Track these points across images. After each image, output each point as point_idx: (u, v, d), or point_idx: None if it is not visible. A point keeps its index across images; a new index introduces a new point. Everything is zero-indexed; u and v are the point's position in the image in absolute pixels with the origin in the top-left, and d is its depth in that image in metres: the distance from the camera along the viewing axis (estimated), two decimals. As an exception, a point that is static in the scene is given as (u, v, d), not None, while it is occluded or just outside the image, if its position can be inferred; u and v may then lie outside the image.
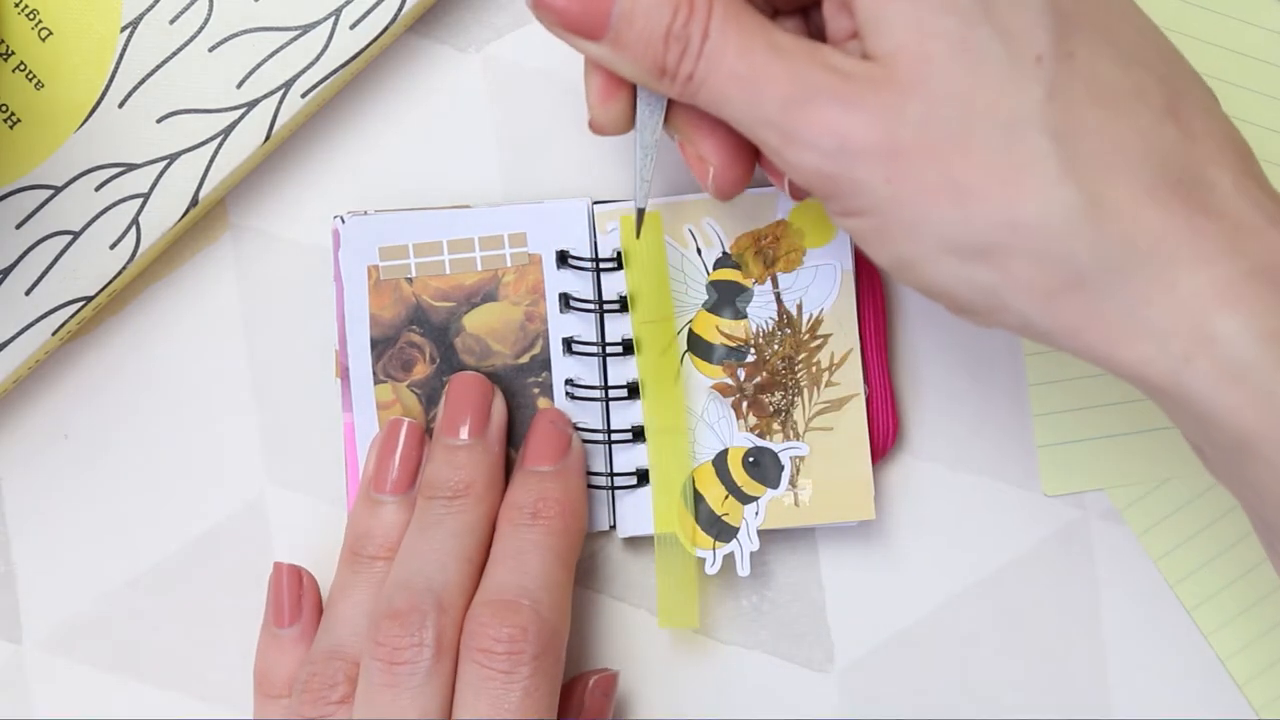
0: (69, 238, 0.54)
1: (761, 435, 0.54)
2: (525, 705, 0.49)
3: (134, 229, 0.54)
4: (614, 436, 0.54)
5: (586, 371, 0.55)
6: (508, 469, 0.54)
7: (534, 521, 0.52)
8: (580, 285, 0.55)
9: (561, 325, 0.55)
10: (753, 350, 0.54)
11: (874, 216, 0.44)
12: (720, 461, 0.54)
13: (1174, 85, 0.45)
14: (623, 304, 0.55)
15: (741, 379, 0.55)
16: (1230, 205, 0.43)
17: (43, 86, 0.54)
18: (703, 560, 0.54)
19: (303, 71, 0.54)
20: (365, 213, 0.55)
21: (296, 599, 0.54)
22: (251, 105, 0.54)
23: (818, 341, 0.54)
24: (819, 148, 0.44)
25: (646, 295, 0.54)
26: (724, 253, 0.55)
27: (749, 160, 0.49)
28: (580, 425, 0.54)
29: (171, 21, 0.54)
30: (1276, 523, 0.45)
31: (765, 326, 0.54)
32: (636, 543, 0.56)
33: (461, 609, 0.51)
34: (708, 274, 0.55)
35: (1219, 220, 0.43)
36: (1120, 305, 0.43)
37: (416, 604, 0.50)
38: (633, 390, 0.55)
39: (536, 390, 0.55)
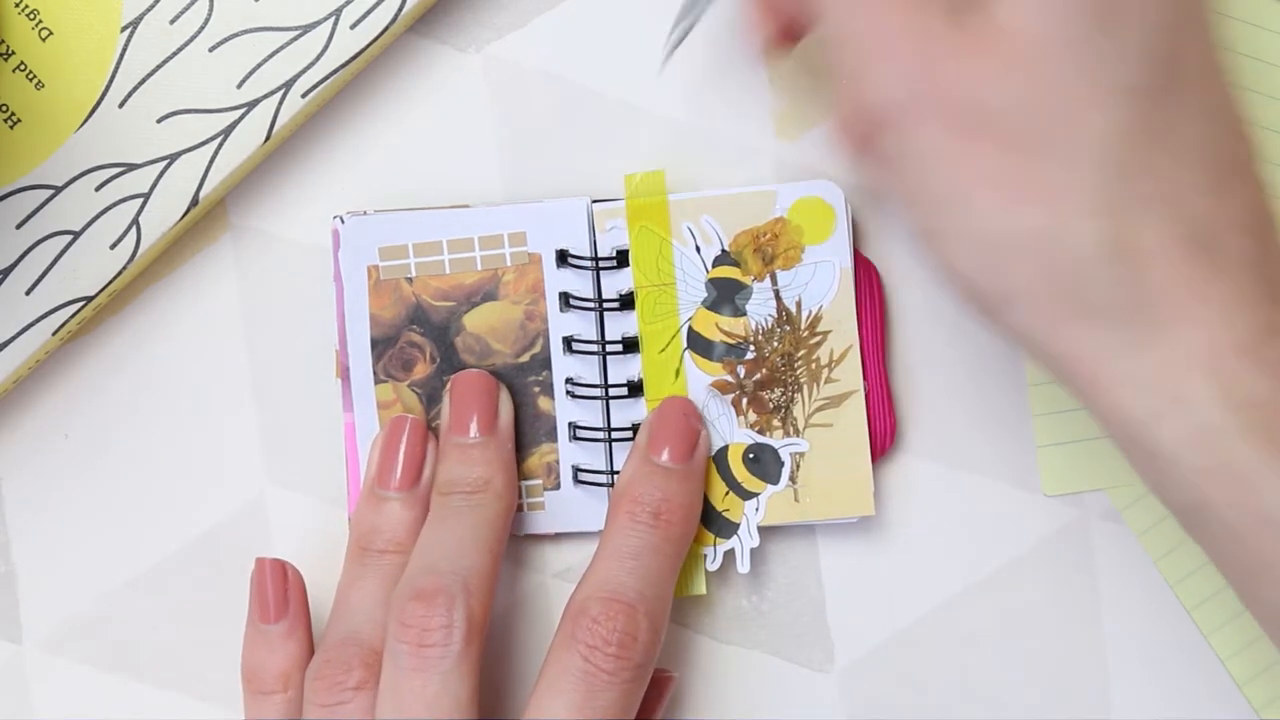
0: (69, 238, 0.54)
1: (761, 432, 0.54)
2: (616, 706, 0.49)
3: (134, 229, 0.54)
4: (614, 435, 0.54)
5: (587, 370, 0.55)
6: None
7: (655, 523, 0.52)
8: (580, 284, 0.55)
9: (561, 324, 0.55)
10: (752, 347, 0.55)
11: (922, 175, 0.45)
12: (720, 458, 0.54)
13: (1229, 147, 0.45)
14: (622, 302, 0.55)
15: (741, 376, 0.55)
16: (1241, 273, 0.44)
17: (43, 86, 0.54)
18: (704, 556, 0.54)
19: (303, 71, 0.54)
20: (365, 213, 0.55)
21: (282, 593, 0.54)
22: (252, 105, 0.54)
23: (817, 338, 0.54)
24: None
25: (646, 252, 0.54)
26: (723, 250, 0.55)
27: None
28: (580, 424, 0.55)
29: (172, 21, 0.54)
30: (1235, 579, 0.45)
31: (764, 324, 0.55)
32: (636, 542, 0.56)
33: (487, 595, 0.51)
34: (707, 271, 0.55)
35: (1226, 286, 0.44)
36: (1113, 347, 0.44)
37: (444, 586, 0.50)
38: (633, 389, 0.55)
39: (537, 389, 0.55)
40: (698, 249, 0.55)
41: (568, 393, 0.55)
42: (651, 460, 0.53)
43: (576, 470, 0.55)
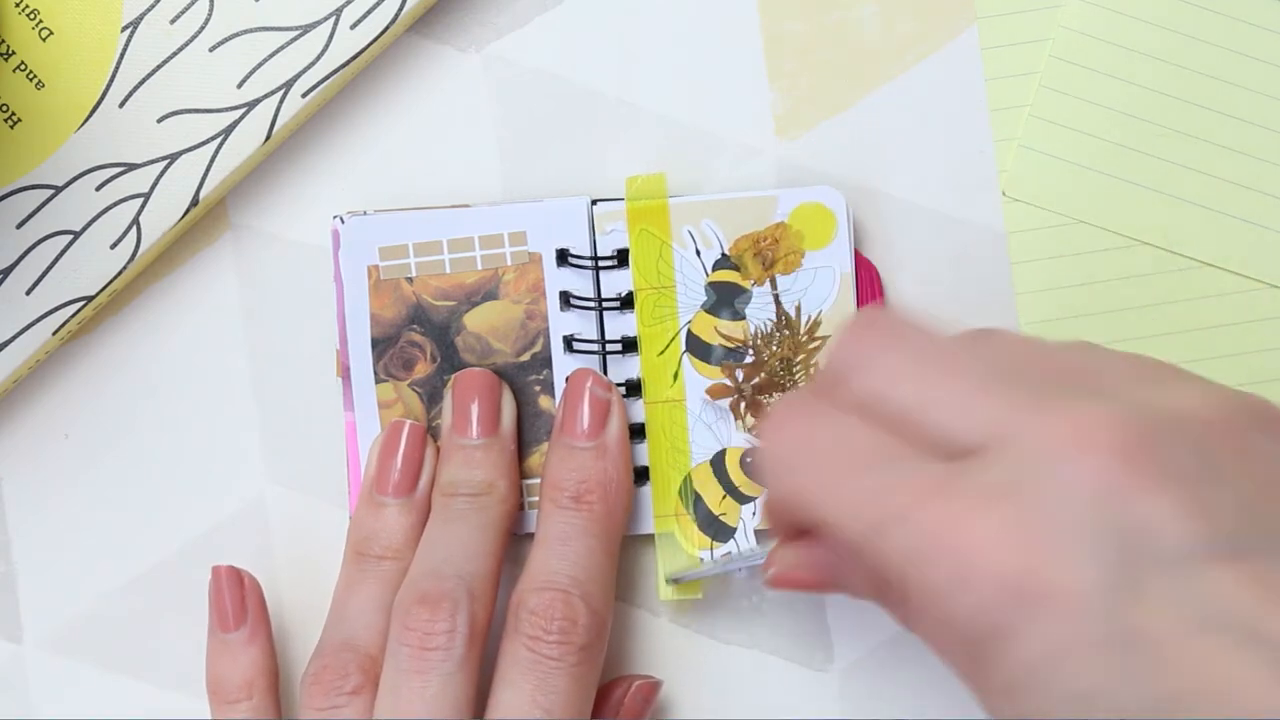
0: (69, 238, 0.54)
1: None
2: (570, 690, 0.50)
3: (134, 229, 0.54)
4: (613, 436, 0.54)
5: (586, 371, 0.55)
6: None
7: (577, 507, 0.52)
8: (580, 283, 0.55)
9: (562, 323, 0.55)
10: (751, 351, 0.55)
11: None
12: (718, 462, 0.54)
13: None
14: (623, 302, 0.55)
15: (740, 380, 0.55)
16: None
17: (43, 86, 0.54)
18: (700, 560, 0.54)
19: (303, 71, 0.54)
20: (365, 213, 0.55)
21: (240, 600, 0.54)
22: (252, 105, 0.54)
23: (816, 343, 0.54)
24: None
25: (646, 255, 0.54)
26: (723, 254, 0.55)
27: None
28: (580, 425, 0.55)
29: (172, 21, 0.54)
30: None
31: (764, 328, 0.55)
32: (634, 541, 0.56)
33: (490, 600, 0.51)
34: (706, 275, 0.55)
35: None
36: None
37: (448, 591, 0.50)
38: (632, 388, 0.55)
39: (538, 388, 0.55)
40: (698, 252, 0.55)
41: (568, 394, 0.55)
42: (564, 443, 0.53)
43: (576, 471, 0.55)
